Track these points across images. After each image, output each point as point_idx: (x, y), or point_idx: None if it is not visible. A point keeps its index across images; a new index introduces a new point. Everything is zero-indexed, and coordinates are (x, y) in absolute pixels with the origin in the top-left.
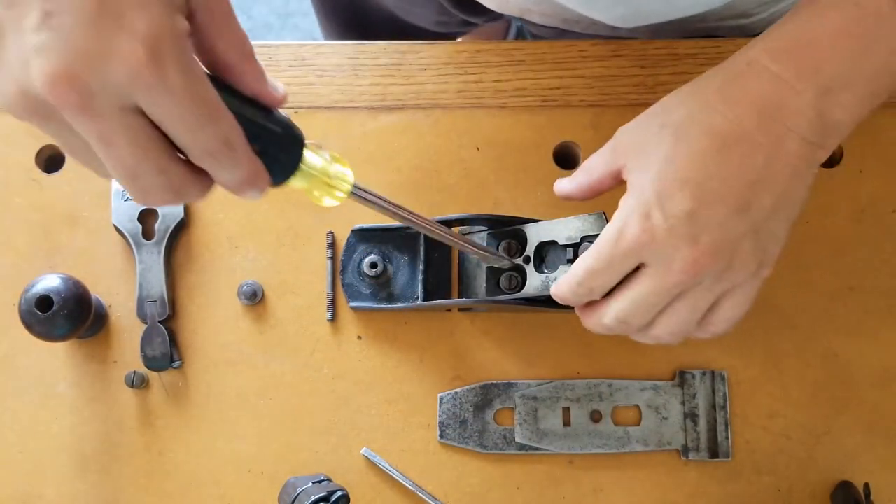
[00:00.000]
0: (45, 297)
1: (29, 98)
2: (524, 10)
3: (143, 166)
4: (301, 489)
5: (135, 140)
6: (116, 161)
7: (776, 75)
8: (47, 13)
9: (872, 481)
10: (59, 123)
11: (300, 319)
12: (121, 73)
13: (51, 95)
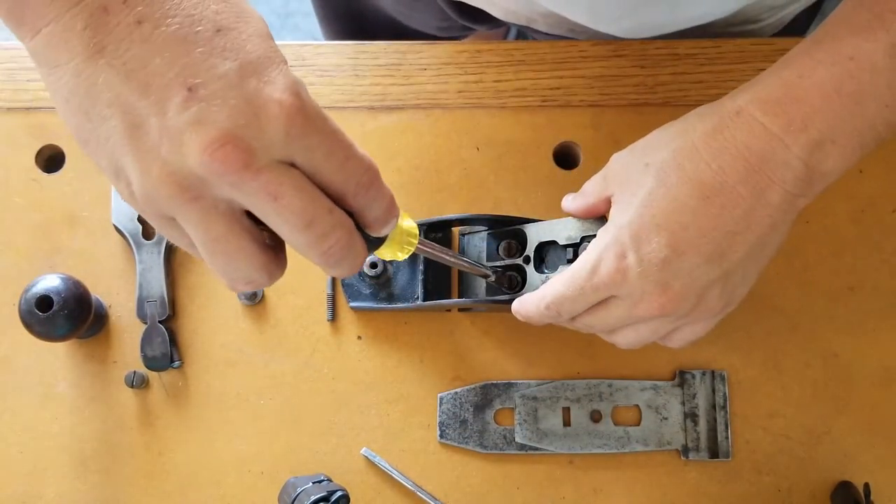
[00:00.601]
0: (45, 297)
1: (179, 179)
2: (530, 20)
3: (315, 209)
4: (301, 489)
5: (301, 186)
6: (290, 212)
7: (765, 127)
8: (192, 87)
9: (872, 481)
10: (202, 212)
11: (300, 319)
12: (278, 125)
13: (214, 164)
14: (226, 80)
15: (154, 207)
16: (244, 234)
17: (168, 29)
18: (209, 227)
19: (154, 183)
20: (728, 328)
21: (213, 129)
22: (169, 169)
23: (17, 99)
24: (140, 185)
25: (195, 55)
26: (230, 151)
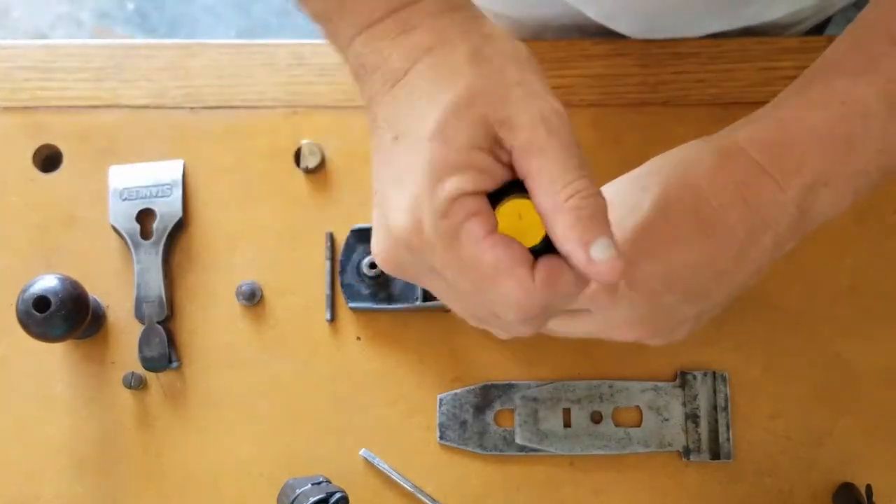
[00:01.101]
0: (43, 297)
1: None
2: (537, 34)
3: (479, 312)
4: (300, 491)
5: (449, 295)
6: (455, 309)
7: (763, 169)
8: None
9: (875, 482)
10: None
11: (299, 320)
12: (399, 245)
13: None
14: (384, 194)
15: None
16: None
17: (377, 132)
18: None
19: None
20: (729, 329)
21: (374, 241)
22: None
23: (14, 98)
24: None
25: (379, 163)
26: (383, 264)
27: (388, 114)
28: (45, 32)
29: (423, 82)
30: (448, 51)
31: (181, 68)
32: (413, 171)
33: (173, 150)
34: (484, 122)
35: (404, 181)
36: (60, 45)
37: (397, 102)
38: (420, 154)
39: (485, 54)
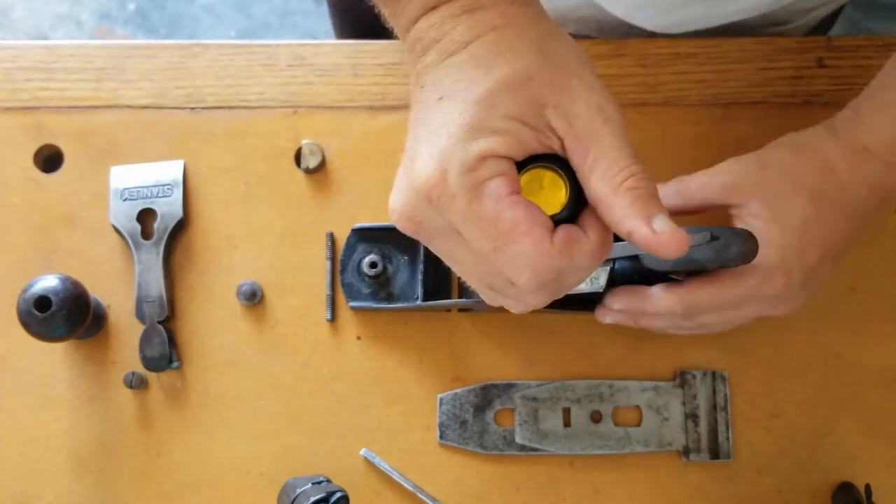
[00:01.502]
0: (44, 297)
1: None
2: (562, 17)
3: (492, 279)
4: (300, 490)
5: (465, 258)
6: (467, 276)
7: (890, 165)
8: (406, 150)
9: (873, 482)
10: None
11: (299, 320)
12: (421, 198)
13: (400, 227)
14: (410, 153)
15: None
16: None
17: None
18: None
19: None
20: (729, 329)
21: (393, 196)
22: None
23: (15, 98)
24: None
25: (417, 121)
26: (399, 220)
27: (438, 77)
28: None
29: (483, 53)
30: (514, 33)
31: (182, 69)
32: (449, 126)
33: (174, 150)
34: (536, 102)
35: (439, 134)
36: (61, 45)
37: (449, 69)
38: (462, 113)
39: (549, 43)
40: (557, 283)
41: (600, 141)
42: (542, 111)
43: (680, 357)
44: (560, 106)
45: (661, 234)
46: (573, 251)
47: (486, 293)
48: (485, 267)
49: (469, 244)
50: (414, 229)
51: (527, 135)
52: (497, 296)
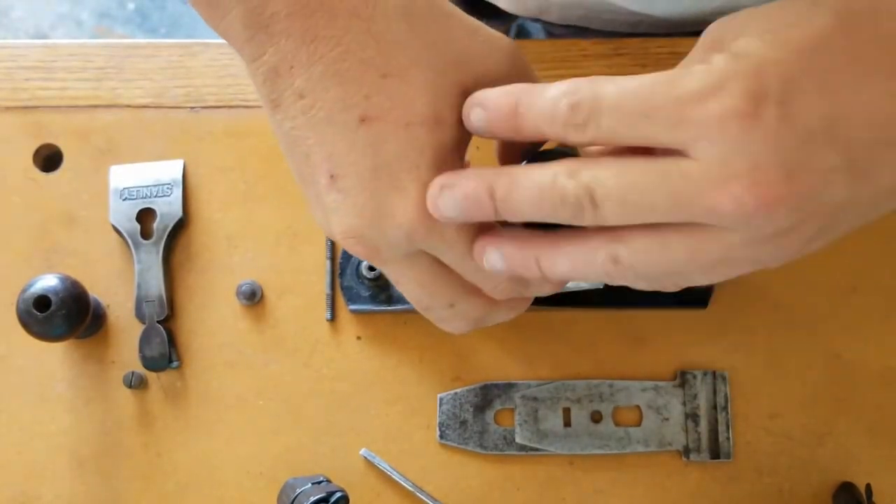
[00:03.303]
0: (43, 296)
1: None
2: (542, 10)
3: (431, 302)
4: (300, 490)
5: (420, 281)
6: (409, 296)
7: None
8: (333, 176)
9: (874, 482)
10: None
11: (299, 319)
12: (398, 232)
13: (346, 247)
14: (359, 179)
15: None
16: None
17: (318, 113)
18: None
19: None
20: (729, 328)
21: (344, 221)
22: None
23: (14, 98)
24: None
25: (339, 146)
26: (356, 245)
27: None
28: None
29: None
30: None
31: (181, 68)
32: (409, 160)
33: (174, 149)
34: (460, 91)
35: (399, 170)
36: (61, 44)
37: (345, 79)
38: (412, 141)
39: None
40: (519, 296)
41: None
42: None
43: (680, 357)
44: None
45: None
46: (537, 266)
47: (423, 312)
48: (436, 288)
49: (429, 266)
50: (369, 256)
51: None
52: (435, 315)
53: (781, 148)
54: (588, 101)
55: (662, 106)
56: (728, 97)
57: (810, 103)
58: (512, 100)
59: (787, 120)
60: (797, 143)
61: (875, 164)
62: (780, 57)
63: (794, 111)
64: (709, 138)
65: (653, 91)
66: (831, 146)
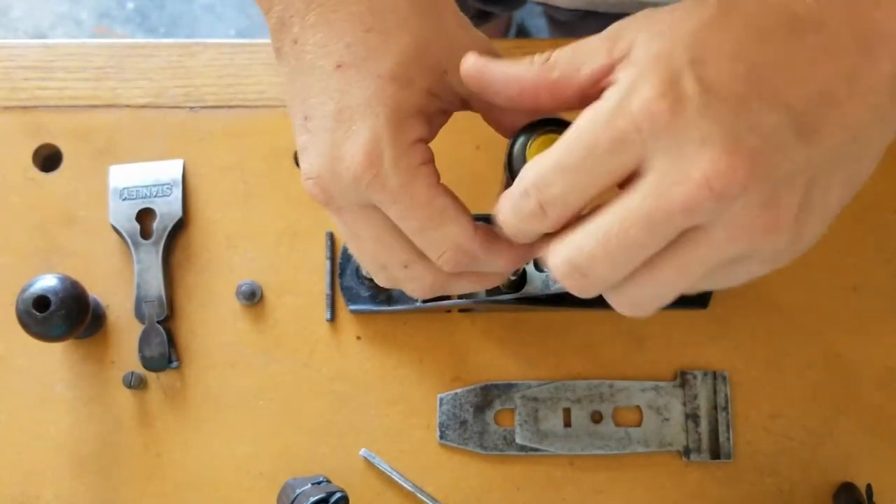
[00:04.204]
0: (43, 297)
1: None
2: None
3: (388, 258)
4: (300, 490)
5: (376, 235)
6: (362, 253)
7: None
8: (306, 117)
9: (875, 482)
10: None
11: (299, 320)
12: (347, 178)
13: (308, 189)
14: (325, 122)
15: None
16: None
17: (305, 57)
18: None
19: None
20: (730, 328)
21: (307, 163)
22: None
23: (13, 98)
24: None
25: (314, 88)
26: (313, 188)
27: (321, 39)
28: (44, 32)
29: (364, 11)
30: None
31: (181, 68)
32: (370, 108)
33: (173, 149)
34: (439, 69)
35: (359, 116)
36: (60, 44)
37: (332, 28)
38: (377, 92)
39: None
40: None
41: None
42: (444, 77)
43: (680, 357)
44: (458, 67)
45: None
46: (491, 246)
47: (379, 272)
48: (390, 245)
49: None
50: (325, 200)
51: (437, 106)
52: (389, 274)
53: (718, 118)
54: (532, 183)
55: (595, 141)
56: (645, 93)
57: (725, 69)
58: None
59: (710, 89)
60: (731, 108)
61: (819, 118)
62: (675, 46)
63: (712, 78)
64: (649, 142)
65: (579, 135)
66: (768, 105)
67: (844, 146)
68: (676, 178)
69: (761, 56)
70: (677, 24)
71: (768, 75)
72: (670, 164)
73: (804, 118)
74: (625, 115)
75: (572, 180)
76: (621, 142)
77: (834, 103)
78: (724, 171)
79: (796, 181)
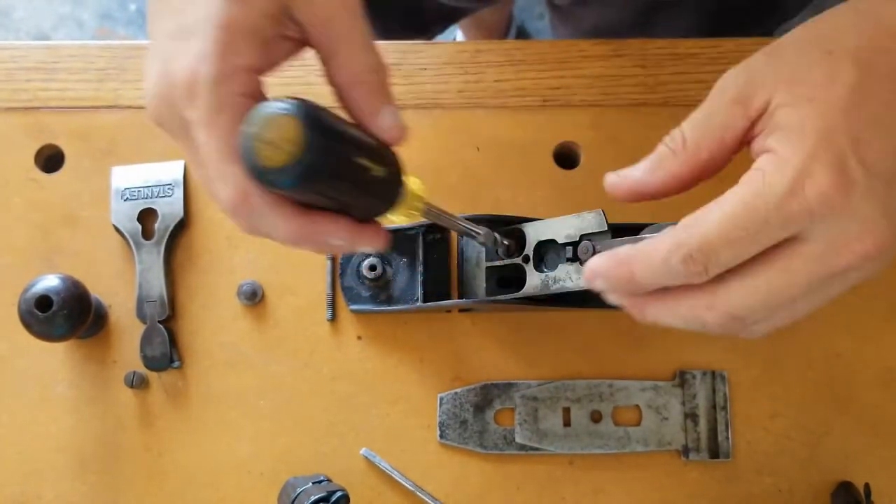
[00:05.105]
0: (45, 297)
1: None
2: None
3: (203, 176)
4: (301, 489)
5: (192, 159)
6: (193, 171)
7: None
8: (151, 42)
9: (873, 481)
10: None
11: (300, 320)
12: (172, 96)
13: (146, 113)
14: (164, 43)
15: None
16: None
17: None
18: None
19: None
20: None
21: (145, 86)
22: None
23: (15, 98)
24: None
25: (162, 11)
26: (149, 107)
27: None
28: (47, 33)
29: None
30: None
31: None
32: (204, 25)
33: (175, 150)
34: (288, 9)
35: (193, 33)
36: (62, 45)
37: None
38: (214, 8)
39: None
40: (248, 222)
41: (339, 32)
42: (288, 8)
43: (679, 357)
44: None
45: (384, 127)
46: (272, 208)
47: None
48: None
49: (195, 147)
50: (159, 121)
51: (273, 32)
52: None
53: (877, 196)
54: (697, 250)
55: (766, 219)
56: (820, 179)
57: (881, 148)
58: (626, 269)
59: (871, 171)
60: (885, 184)
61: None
62: (835, 122)
63: (872, 160)
64: (819, 221)
65: (750, 211)
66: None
67: None
68: (840, 249)
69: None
70: (823, 90)
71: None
72: (835, 236)
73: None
74: (799, 199)
75: (740, 250)
76: (792, 220)
77: None
78: (881, 244)
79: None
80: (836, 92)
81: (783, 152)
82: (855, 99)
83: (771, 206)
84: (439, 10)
